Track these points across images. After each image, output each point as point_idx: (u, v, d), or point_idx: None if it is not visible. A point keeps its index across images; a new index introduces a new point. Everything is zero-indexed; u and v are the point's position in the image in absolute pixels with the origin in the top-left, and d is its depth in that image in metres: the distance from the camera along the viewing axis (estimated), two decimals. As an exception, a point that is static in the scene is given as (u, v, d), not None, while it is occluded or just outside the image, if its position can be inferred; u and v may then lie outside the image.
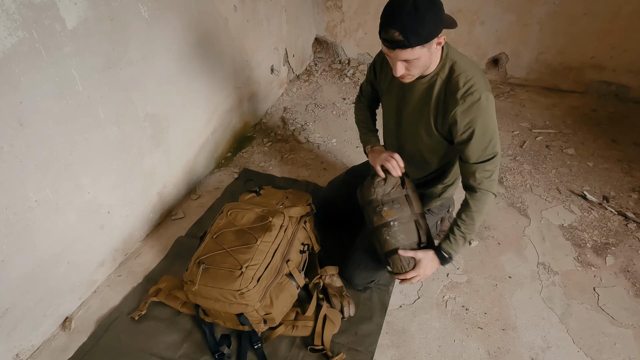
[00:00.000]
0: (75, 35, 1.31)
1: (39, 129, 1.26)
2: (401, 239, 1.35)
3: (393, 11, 1.08)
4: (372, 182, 1.40)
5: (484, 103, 1.18)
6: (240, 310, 1.32)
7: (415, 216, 1.38)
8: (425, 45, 1.11)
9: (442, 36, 1.15)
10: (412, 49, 1.09)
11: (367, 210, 1.42)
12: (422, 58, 1.15)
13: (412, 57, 1.13)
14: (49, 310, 1.46)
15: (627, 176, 2.15)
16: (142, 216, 1.83)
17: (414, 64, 1.16)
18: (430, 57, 1.18)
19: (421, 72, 1.22)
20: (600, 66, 2.75)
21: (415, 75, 1.22)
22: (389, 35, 1.09)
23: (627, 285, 1.63)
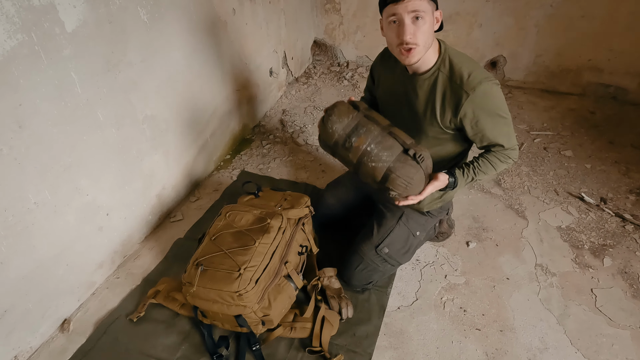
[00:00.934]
0: (75, 38, 1.32)
1: (38, 131, 1.27)
2: (386, 157, 1.25)
3: None
4: (326, 123, 1.30)
5: (492, 90, 1.23)
6: (238, 311, 1.32)
7: (386, 129, 1.29)
8: (430, 4, 1.15)
9: (440, 13, 1.21)
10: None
11: (340, 153, 1.32)
12: (428, 21, 1.16)
13: (422, 9, 1.13)
14: (47, 312, 1.46)
15: (624, 178, 2.16)
16: (141, 218, 1.84)
17: (421, 27, 1.15)
18: (432, 29, 1.19)
19: (425, 47, 1.20)
20: (597, 68, 2.76)
21: (420, 47, 1.19)
22: None
23: (625, 286, 1.63)
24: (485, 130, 1.28)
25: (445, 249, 1.80)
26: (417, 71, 1.30)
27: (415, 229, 1.55)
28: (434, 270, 1.71)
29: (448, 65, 1.26)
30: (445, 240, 1.83)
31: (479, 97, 1.21)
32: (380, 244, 1.52)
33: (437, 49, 1.28)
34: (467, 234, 1.87)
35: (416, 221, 1.54)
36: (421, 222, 1.56)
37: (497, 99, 1.25)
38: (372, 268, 1.54)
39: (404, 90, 1.38)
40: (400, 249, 1.54)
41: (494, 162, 1.36)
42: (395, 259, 1.54)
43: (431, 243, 1.82)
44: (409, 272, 1.70)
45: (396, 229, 1.52)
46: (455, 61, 1.25)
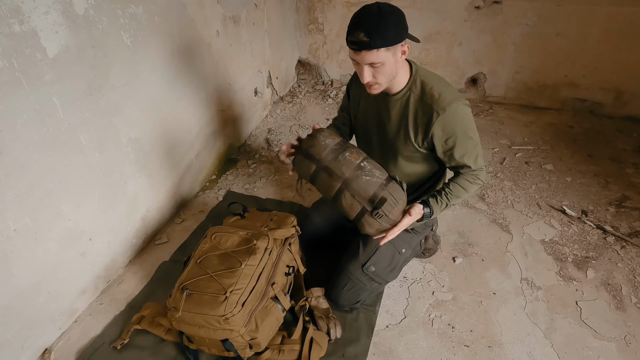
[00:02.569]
0: (57, 63, 1.31)
1: (18, 157, 1.25)
2: (379, 174, 1.28)
3: (359, 16, 1.16)
4: (318, 136, 1.29)
5: (461, 111, 1.26)
6: (225, 336, 1.30)
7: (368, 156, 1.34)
8: (390, 49, 1.16)
9: (406, 45, 1.22)
10: (377, 50, 1.14)
11: (332, 165, 1.27)
12: (388, 64, 1.19)
13: (378, 60, 1.17)
14: (27, 342, 1.42)
15: (604, 190, 2.21)
16: (125, 242, 1.81)
17: (380, 70, 1.20)
18: (396, 65, 1.22)
19: (388, 81, 1.26)
20: (574, 84, 2.85)
21: (382, 84, 1.26)
22: (354, 37, 1.14)
23: (608, 298, 1.65)
24: (454, 149, 1.32)
25: (432, 265, 1.81)
26: (389, 92, 1.35)
27: (401, 246, 1.56)
28: (422, 287, 1.71)
29: (419, 86, 1.30)
30: (432, 257, 1.84)
31: (449, 117, 1.25)
32: (367, 263, 1.52)
33: (408, 70, 1.32)
34: (453, 250, 1.88)
35: (401, 238, 1.55)
36: (406, 239, 1.57)
37: (466, 119, 1.29)
38: (360, 287, 1.54)
39: (377, 111, 1.41)
40: (386, 267, 1.54)
41: (464, 185, 1.38)
42: (382, 277, 1.54)
43: (418, 259, 1.83)
44: (396, 290, 1.70)
45: (382, 247, 1.52)
46: (426, 82, 1.30)
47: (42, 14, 1.24)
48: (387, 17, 1.14)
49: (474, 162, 1.35)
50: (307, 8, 3.21)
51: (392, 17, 1.15)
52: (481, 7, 2.78)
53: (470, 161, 1.35)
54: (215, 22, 2.16)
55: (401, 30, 1.17)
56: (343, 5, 3.08)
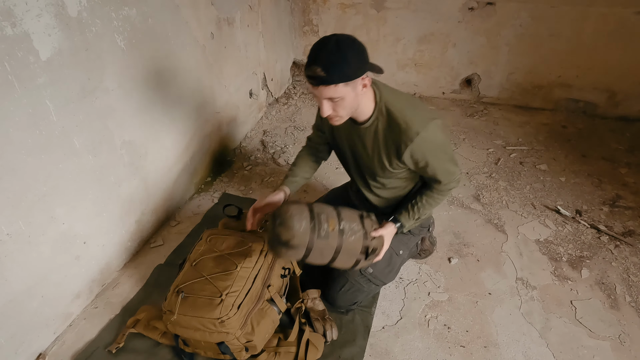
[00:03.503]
0: (50, 66, 1.31)
1: (11, 160, 1.24)
2: (356, 225, 1.29)
3: (317, 49, 1.11)
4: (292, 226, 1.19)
5: (430, 135, 1.24)
6: (221, 338, 1.30)
7: (335, 207, 1.32)
8: (349, 84, 1.12)
9: (367, 78, 1.18)
10: (335, 85, 1.11)
11: (319, 244, 1.23)
12: (347, 98, 1.16)
13: (336, 95, 1.13)
14: (21, 347, 1.40)
15: (597, 190, 2.23)
16: (120, 245, 1.80)
17: (340, 104, 1.17)
18: (357, 98, 1.19)
19: (349, 113, 1.24)
20: (567, 84, 2.87)
21: (343, 116, 1.23)
22: (312, 71, 1.10)
23: (603, 297, 1.66)
24: (427, 168, 1.32)
25: (428, 266, 1.81)
26: (357, 120, 1.33)
27: (398, 248, 1.56)
28: (418, 288, 1.72)
29: (385, 113, 1.28)
30: (428, 257, 1.85)
31: (418, 145, 1.24)
32: None
33: (373, 98, 1.28)
34: (449, 250, 1.89)
35: (398, 240, 1.55)
36: (404, 241, 1.57)
37: (435, 141, 1.27)
38: (357, 288, 1.54)
39: (350, 136, 1.41)
40: (384, 269, 1.54)
41: (434, 198, 1.41)
42: (380, 279, 1.55)
43: (414, 260, 1.83)
44: (392, 291, 1.70)
45: None
46: (392, 109, 1.26)
47: (34, 16, 1.23)
48: (346, 51, 1.09)
49: (446, 176, 1.35)
50: (302, 10, 3.21)
51: (350, 52, 1.10)
52: (475, 8, 2.79)
53: (442, 176, 1.35)
54: (209, 24, 2.16)
55: (361, 65, 1.13)
56: (337, 6, 3.09)
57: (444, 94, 3.24)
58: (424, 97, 3.28)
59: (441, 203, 1.44)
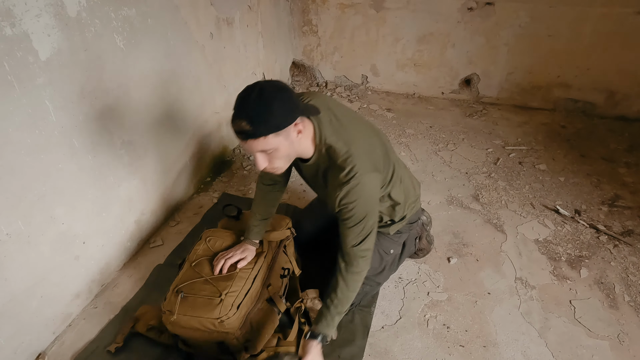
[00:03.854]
0: (49, 66, 1.31)
1: (10, 160, 1.24)
2: None
3: (240, 102, 1.05)
4: None
5: (359, 189, 1.15)
6: (220, 338, 1.30)
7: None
8: (280, 134, 1.06)
9: (301, 123, 1.11)
10: (265, 137, 1.04)
11: None
12: (281, 148, 1.09)
13: (267, 147, 1.07)
14: (20, 347, 1.40)
15: (596, 190, 2.23)
16: (120, 245, 1.80)
17: (274, 155, 1.11)
18: (293, 146, 1.13)
19: (289, 161, 1.18)
20: (566, 84, 2.87)
21: (282, 166, 1.17)
22: (237, 125, 1.04)
23: (602, 296, 1.67)
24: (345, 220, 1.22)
25: (427, 266, 1.81)
26: (302, 158, 1.26)
27: (388, 247, 1.55)
28: (417, 288, 1.72)
29: (326, 156, 1.21)
30: (427, 257, 1.85)
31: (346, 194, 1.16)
32: None
33: (312, 137, 1.20)
34: (448, 250, 1.89)
35: (387, 240, 1.54)
36: (393, 239, 1.56)
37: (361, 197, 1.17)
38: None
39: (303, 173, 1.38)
40: (375, 269, 1.53)
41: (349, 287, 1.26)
42: (373, 280, 1.54)
43: (413, 260, 1.83)
44: (392, 291, 1.71)
45: None
46: (332, 153, 1.19)
47: (33, 16, 1.23)
48: (270, 101, 1.03)
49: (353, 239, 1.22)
50: (301, 10, 3.21)
51: (276, 101, 1.03)
52: (474, 8, 2.79)
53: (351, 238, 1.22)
54: (209, 24, 2.16)
55: (289, 112, 1.06)
56: (337, 7, 3.09)
57: (443, 94, 3.24)
58: (424, 97, 3.28)
59: (355, 291, 1.28)
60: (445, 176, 2.37)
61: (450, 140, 2.71)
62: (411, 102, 3.24)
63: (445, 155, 2.56)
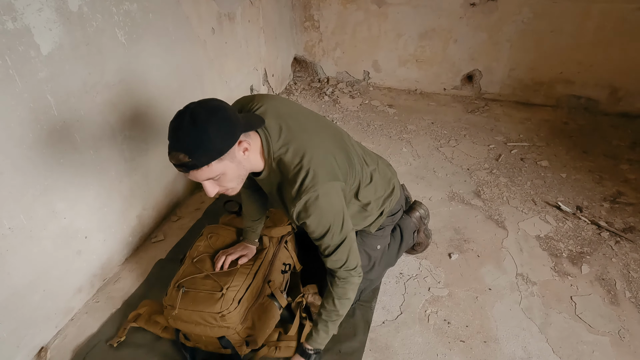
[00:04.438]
0: (51, 60, 1.31)
1: (12, 154, 1.25)
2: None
3: (173, 133, 0.98)
4: None
5: (315, 202, 1.08)
6: (221, 333, 1.31)
7: None
8: (224, 158, 0.99)
9: (245, 140, 1.04)
10: (208, 166, 0.98)
11: None
12: (228, 172, 1.03)
13: (213, 175, 1.01)
14: (23, 341, 1.41)
15: (598, 186, 2.23)
16: (121, 240, 1.81)
17: (223, 180, 1.04)
18: (241, 165, 1.06)
19: (241, 181, 1.11)
20: (569, 81, 2.86)
21: (234, 187, 1.10)
22: (175, 159, 0.97)
23: (603, 293, 1.67)
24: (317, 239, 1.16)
25: (428, 262, 1.81)
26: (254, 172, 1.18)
27: (374, 244, 1.54)
28: (418, 283, 1.72)
29: (277, 170, 1.14)
30: (428, 253, 1.85)
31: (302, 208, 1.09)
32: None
33: (261, 151, 1.12)
34: (449, 246, 1.89)
35: (372, 237, 1.53)
36: (378, 235, 1.55)
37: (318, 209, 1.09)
38: None
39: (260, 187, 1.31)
40: (364, 267, 1.52)
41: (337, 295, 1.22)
42: (364, 277, 1.51)
43: (414, 256, 1.83)
44: (392, 286, 1.71)
45: None
46: (282, 166, 1.12)
47: (35, 10, 1.23)
48: (205, 127, 0.95)
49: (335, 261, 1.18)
50: (303, 5, 3.20)
51: (211, 125, 0.95)
52: (477, 4, 2.78)
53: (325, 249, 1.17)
54: (210, 19, 2.16)
55: (230, 133, 0.99)
56: (338, 2, 3.08)
57: (445, 90, 3.23)
58: (425, 94, 3.27)
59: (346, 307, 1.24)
60: (446, 172, 2.37)
61: (451, 137, 2.70)
62: (413, 98, 3.24)
63: (447, 152, 2.56)
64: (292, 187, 1.09)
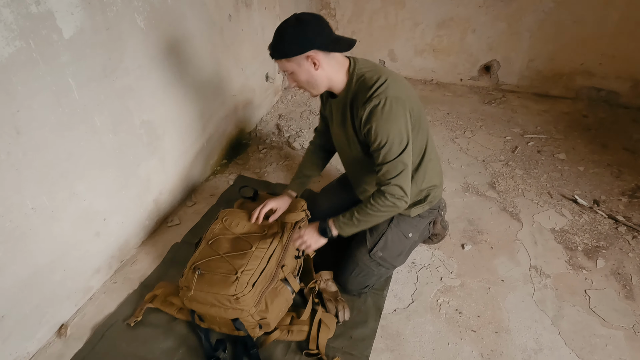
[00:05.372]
0: (72, 44, 1.33)
1: (35, 137, 1.28)
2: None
3: (277, 28, 1.24)
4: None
5: (383, 108, 1.20)
6: (235, 315, 1.33)
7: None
8: (292, 60, 1.23)
9: (314, 57, 1.22)
10: (279, 61, 1.26)
11: None
12: (298, 73, 1.26)
13: (283, 69, 1.28)
14: (44, 318, 1.46)
15: (617, 180, 2.19)
16: (138, 223, 1.84)
17: (293, 77, 1.30)
18: (310, 73, 1.26)
19: (312, 86, 1.31)
20: (589, 72, 2.80)
21: (306, 87, 1.32)
22: (269, 46, 1.26)
23: (618, 287, 1.65)
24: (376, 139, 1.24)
25: (440, 252, 1.81)
26: (334, 95, 1.37)
27: (408, 231, 1.56)
28: (430, 273, 1.72)
29: (355, 85, 1.28)
30: (441, 243, 1.85)
31: (369, 112, 1.22)
32: (374, 248, 1.53)
33: (347, 71, 1.30)
34: (463, 237, 1.88)
35: (408, 223, 1.55)
36: (413, 224, 1.57)
37: (384, 117, 1.21)
38: (367, 272, 1.55)
39: (332, 117, 1.44)
40: (393, 252, 1.55)
41: (373, 208, 1.32)
42: (390, 262, 1.56)
43: (427, 246, 1.83)
44: (405, 275, 1.72)
45: (388, 232, 1.53)
46: (362, 80, 1.27)
47: (58, -5, 1.25)
48: (287, 31, 1.20)
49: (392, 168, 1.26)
50: (320, -7, 3.18)
51: (290, 32, 1.20)
52: (496, -8, 2.73)
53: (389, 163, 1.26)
54: (227, 5, 2.16)
55: (300, 44, 1.20)
56: (356, -10, 3.05)
57: (461, 80, 3.19)
58: (442, 84, 3.24)
59: (382, 217, 1.35)
60: (461, 163, 2.36)
61: (467, 128, 2.68)
62: (429, 88, 3.21)
63: (462, 143, 2.53)
64: (366, 93, 1.24)
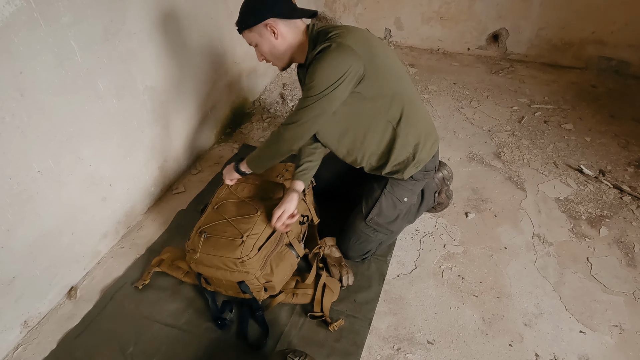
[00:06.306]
0: (74, 5, 1.30)
1: (39, 100, 1.27)
2: None
3: None
4: None
5: (326, 51, 1.19)
6: (241, 278, 1.35)
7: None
8: (253, 30, 1.27)
9: (272, 26, 1.25)
10: (244, 33, 1.30)
11: None
12: (261, 44, 1.30)
13: (249, 42, 1.32)
14: (54, 280, 1.49)
15: (624, 151, 2.17)
16: (144, 190, 1.85)
17: (260, 50, 1.33)
18: (272, 44, 1.29)
19: (276, 58, 1.35)
20: (601, 41, 2.74)
21: (273, 61, 1.36)
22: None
23: (620, 255, 1.66)
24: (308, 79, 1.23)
25: (444, 220, 1.82)
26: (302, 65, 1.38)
27: (402, 195, 1.55)
28: (433, 240, 1.74)
29: (315, 42, 1.28)
30: (445, 211, 1.85)
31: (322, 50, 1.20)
32: (369, 215, 1.53)
33: (306, 36, 1.32)
34: (466, 205, 1.89)
35: (402, 187, 1.53)
36: (408, 187, 1.55)
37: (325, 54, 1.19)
38: (365, 239, 1.56)
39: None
40: (388, 217, 1.55)
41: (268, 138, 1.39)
42: (386, 227, 1.55)
43: (430, 214, 1.84)
44: (408, 242, 1.73)
45: (382, 198, 1.53)
46: (320, 34, 1.28)
47: (57, -48, 1.22)
48: (246, 3, 1.26)
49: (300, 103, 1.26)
50: (325, -43, 3.08)
51: (248, 3, 1.25)
52: (508, -44, 2.64)
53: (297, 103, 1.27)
54: (230, -31, 2.10)
55: (257, 12, 1.23)
56: (362, -46, 2.96)
57: (469, 49, 3.13)
58: (448, 53, 3.17)
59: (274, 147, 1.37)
60: (467, 133, 2.34)
61: (474, 98, 2.64)
62: (435, 57, 3.15)
63: (468, 113, 2.51)
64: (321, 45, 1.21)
